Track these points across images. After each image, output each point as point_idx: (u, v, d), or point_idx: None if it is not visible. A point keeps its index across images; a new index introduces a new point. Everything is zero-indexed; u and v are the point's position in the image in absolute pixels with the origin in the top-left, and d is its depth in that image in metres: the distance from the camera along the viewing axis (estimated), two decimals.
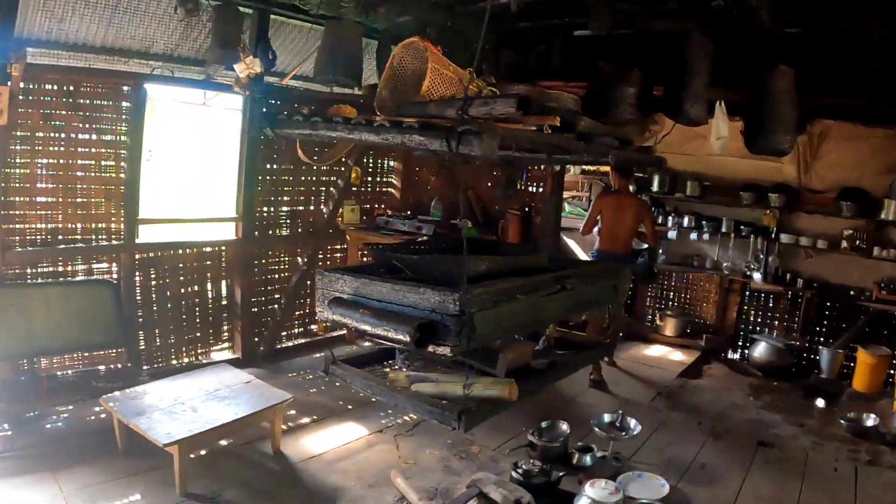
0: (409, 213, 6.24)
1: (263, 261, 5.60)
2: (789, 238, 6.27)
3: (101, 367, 4.47)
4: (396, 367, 2.91)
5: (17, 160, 4.03)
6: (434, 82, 2.38)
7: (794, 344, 6.31)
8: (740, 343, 6.86)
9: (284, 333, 5.89)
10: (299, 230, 5.77)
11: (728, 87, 3.94)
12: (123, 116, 4.48)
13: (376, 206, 6.48)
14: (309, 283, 5.82)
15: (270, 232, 5.58)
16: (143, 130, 4.54)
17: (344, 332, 6.06)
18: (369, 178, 6.43)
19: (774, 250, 6.39)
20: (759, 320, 6.79)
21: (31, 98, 4.07)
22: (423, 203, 6.37)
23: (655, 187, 6.91)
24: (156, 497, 3.44)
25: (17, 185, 4.06)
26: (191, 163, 5.17)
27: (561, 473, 3.81)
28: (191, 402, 3.79)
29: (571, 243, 7.36)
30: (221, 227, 5.38)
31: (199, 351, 5.26)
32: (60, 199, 4.26)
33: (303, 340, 6.04)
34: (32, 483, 3.45)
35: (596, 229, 5.67)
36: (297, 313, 5.93)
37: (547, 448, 4.08)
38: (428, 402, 2.44)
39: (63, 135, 4.22)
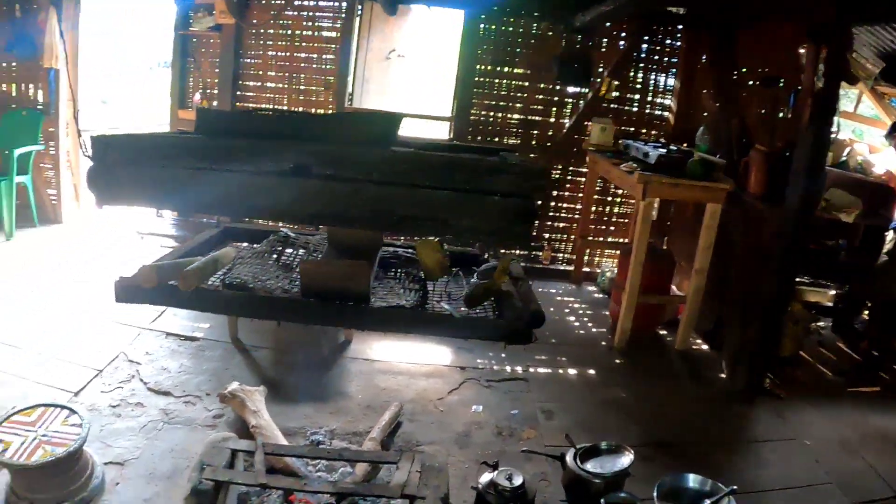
0: (685, 144, 5.09)
1: None
2: None
3: None
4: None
5: (251, 52, 5.23)
6: None
7: None
8: None
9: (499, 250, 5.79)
10: (532, 143, 5.49)
11: None
12: (342, 16, 5.18)
13: (643, 130, 5.49)
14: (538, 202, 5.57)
15: (496, 139, 5.50)
16: (354, 29, 5.18)
17: (571, 268, 5.60)
18: (636, 97, 5.47)
19: None
20: None
21: (262, 1, 5.14)
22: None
23: None
24: (214, 332, 4.30)
25: (251, 72, 5.28)
26: (434, 63, 5.54)
27: None
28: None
29: None
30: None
31: None
32: (285, 86, 5.32)
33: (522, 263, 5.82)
34: None
35: None
36: None
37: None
38: None
39: (289, 32, 5.20)
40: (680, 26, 5.25)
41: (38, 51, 5.23)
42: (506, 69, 5.40)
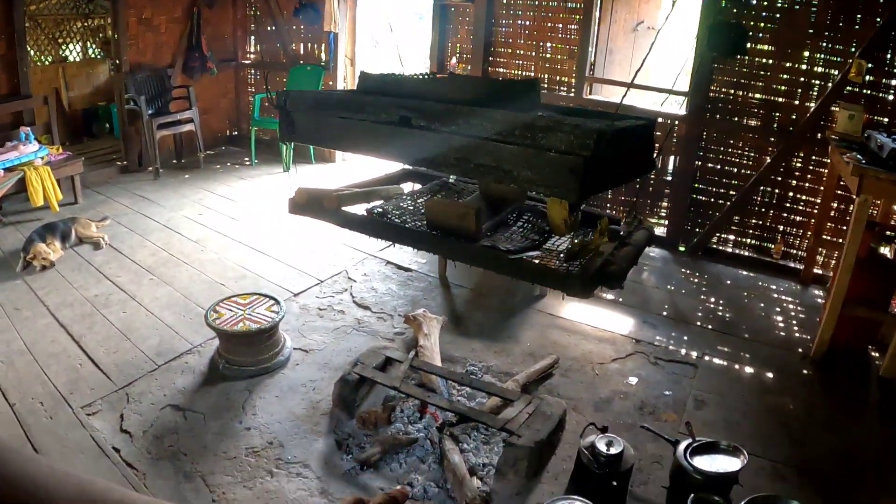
0: None
1: (721, 148, 5.44)
2: None
3: None
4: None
5: (502, 21, 5.81)
6: None
7: None
8: None
9: (728, 236, 5.64)
10: (774, 126, 5.20)
11: None
12: None
13: None
14: (776, 191, 5.29)
15: (735, 119, 5.32)
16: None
17: (802, 266, 5.20)
18: (894, 82, 4.74)
19: None
20: None
21: None
22: None
23: None
24: (426, 267, 5.04)
25: (502, 39, 5.87)
26: (685, 36, 5.45)
27: None
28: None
29: None
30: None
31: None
32: (533, 54, 5.81)
33: (745, 252, 5.57)
34: None
35: None
36: (751, 221, 5.48)
37: None
38: None
39: (537, 2, 5.67)
40: None
41: (320, 17, 6.60)
42: (748, 45, 5.10)
